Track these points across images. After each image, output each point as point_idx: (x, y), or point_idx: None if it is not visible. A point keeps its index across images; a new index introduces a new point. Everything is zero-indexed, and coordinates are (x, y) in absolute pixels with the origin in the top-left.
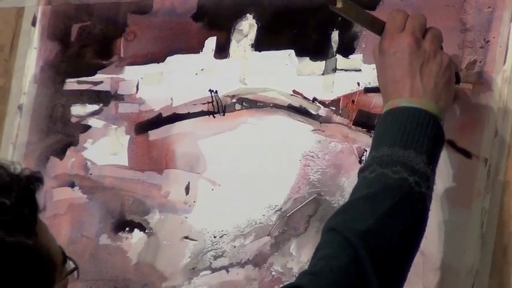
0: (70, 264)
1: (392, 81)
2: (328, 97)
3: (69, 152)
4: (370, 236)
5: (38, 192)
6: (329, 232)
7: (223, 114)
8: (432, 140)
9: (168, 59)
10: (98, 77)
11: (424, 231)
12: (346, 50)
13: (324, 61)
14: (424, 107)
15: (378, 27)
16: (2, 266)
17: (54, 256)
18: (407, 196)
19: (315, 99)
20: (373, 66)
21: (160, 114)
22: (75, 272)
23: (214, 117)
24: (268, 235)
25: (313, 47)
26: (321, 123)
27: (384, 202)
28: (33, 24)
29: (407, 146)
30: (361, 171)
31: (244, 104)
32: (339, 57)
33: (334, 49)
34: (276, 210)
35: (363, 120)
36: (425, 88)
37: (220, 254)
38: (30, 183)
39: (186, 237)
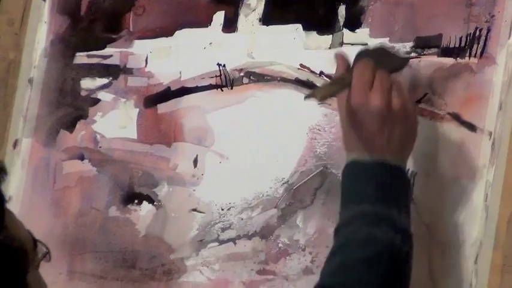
0: (41, 248)
1: (359, 137)
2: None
3: (79, 125)
4: None
5: (2, 183)
6: None
7: (231, 88)
8: (407, 194)
9: (177, 33)
10: (108, 50)
11: (406, 278)
12: (353, 24)
13: (331, 35)
14: (394, 162)
15: (349, 84)
16: None
17: (25, 244)
18: (397, 258)
19: (321, 73)
20: (380, 40)
21: (169, 87)
22: (47, 255)
23: (222, 90)
24: (275, 207)
25: (320, 22)
26: None
27: (379, 267)
28: None
29: (389, 204)
30: (345, 225)
31: (251, 77)
32: (345, 31)
33: (341, 23)
34: (283, 183)
35: None
36: (391, 145)
37: (228, 226)
38: None
39: (194, 210)
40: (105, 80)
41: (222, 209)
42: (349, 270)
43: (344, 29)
